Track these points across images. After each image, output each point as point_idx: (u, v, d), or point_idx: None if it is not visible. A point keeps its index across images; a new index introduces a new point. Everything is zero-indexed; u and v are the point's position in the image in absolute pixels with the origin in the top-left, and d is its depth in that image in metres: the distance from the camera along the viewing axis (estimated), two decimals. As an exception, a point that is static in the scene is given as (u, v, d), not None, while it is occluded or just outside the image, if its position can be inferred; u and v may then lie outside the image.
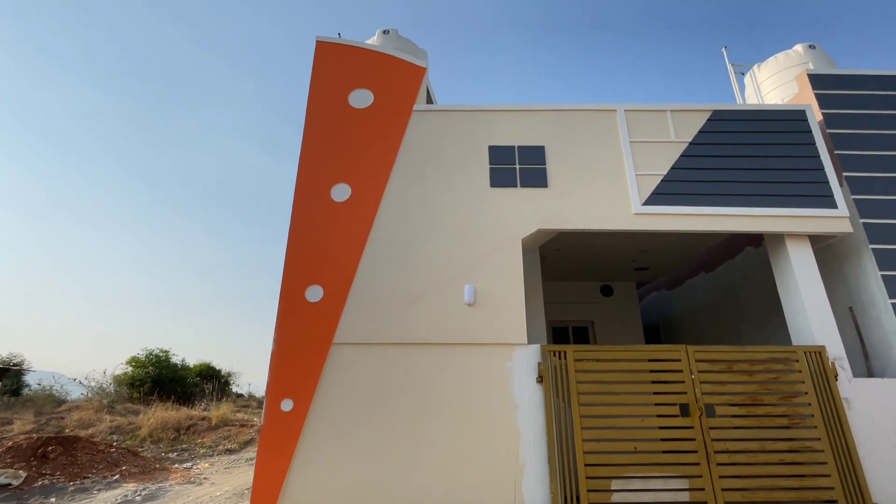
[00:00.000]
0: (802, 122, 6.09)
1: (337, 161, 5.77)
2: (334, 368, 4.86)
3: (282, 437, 4.57)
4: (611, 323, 10.31)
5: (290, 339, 4.92)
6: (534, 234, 5.50)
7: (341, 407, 4.72)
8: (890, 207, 5.77)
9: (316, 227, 5.42)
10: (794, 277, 5.55)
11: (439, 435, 4.66)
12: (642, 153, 5.88)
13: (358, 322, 5.03)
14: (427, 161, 5.81)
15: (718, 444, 4.64)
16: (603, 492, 4.46)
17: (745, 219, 5.61)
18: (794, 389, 4.91)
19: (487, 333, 5.03)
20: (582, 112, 6.10)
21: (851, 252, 5.83)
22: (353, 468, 4.52)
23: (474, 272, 5.27)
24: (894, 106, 6.37)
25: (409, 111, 6.06)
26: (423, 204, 5.58)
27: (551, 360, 4.94)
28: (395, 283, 5.21)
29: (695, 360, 4.94)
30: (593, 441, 4.64)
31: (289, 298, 5.09)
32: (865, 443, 4.77)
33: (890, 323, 5.30)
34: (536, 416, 4.74)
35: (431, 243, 5.39)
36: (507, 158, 5.82)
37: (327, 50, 6.42)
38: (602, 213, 5.57)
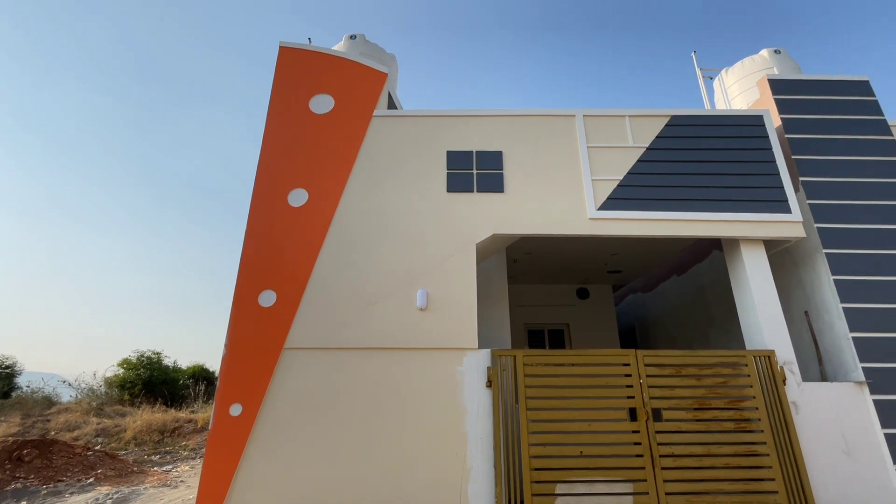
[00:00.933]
0: (760, 128, 6.13)
1: (295, 166, 5.80)
2: (285, 373, 4.89)
3: (229, 441, 4.59)
4: (587, 325, 10.35)
5: (241, 344, 4.95)
6: (488, 239, 5.53)
7: (290, 411, 4.75)
8: (844, 212, 5.81)
9: (271, 233, 5.45)
10: (747, 281, 5.59)
11: (387, 439, 4.69)
12: (600, 158, 5.92)
13: (310, 327, 5.06)
14: (385, 166, 5.84)
15: (664, 448, 4.67)
16: (547, 496, 4.49)
17: (700, 223, 5.65)
18: (742, 393, 4.94)
19: (439, 338, 5.06)
20: (541, 117, 6.14)
21: (807, 257, 5.87)
22: (299, 473, 4.54)
23: (428, 277, 5.30)
24: (851, 111, 6.42)
25: (370, 116, 6.09)
26: (380, 209, 5.62)
27: (501, 364, 4.97)
28: (348, 289, 5.24)
29: (644, 365, 4.98)
30: (539, 445, 4.66)
31: (242, 304, 5.12)
32: (812, 446, 4.80)
33: (842, 327, 5.34)
34: (485, 420, 4.77)
35: (386, 248, 5.43)
36: (465, 164, 5.86)
37: (290, 55, 6.46)
38: (557, 218, 5.61)
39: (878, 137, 6.28)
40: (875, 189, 5.95)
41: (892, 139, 6.26)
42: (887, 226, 5.71)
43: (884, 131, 6.31)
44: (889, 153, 6.17)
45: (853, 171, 6.06)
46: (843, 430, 4.90)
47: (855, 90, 6.59)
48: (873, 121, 6.38)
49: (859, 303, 5.36)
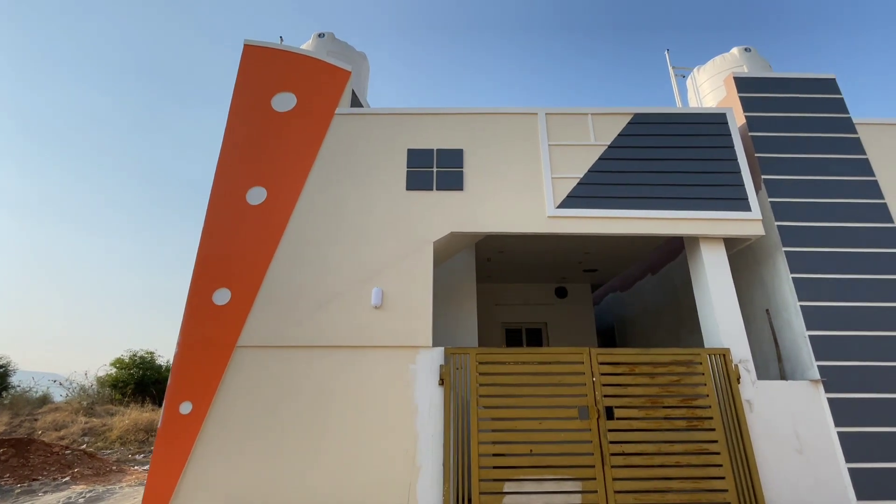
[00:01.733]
0: (722, 126, 6.11)
1: (255, 164, 5.79)
2: (236, 371, 4.87)
3: (178, 439, 4.58)
4: (564, 324, 10.35)
5: (193, 342, 4.94)
6: (447, 237, 5.52)
7: (241, 409, 4.74)
8: (805, 210, 5.80)
9: (228, 231, 5.44)
10: (706, 280, 5.58)
11: (339, 437, 4.68)
12: (560, 156, 5.90)
13: (263, 325, 5.05)
14: (345, 164, 5.83)
15: (615, 447, 4.65)
16: (494, 494, 4.47)
17: (660, 221, 5.64)
18: (695, 392, 4.93)
19: (392, 336, 5.05)
20: (503, 115, 6.13)
21: (768, 254, 5.86)
22: (248, 470, 4.53)
23: (384, 275, 5.29)
24: (817, 109, 6.41)
25: (332, 114, 6.08)
26: (338, 207, 5.61)
27: (455, 363, 4.96)
28: (303, 287, 5.23)
29: (598, 363, 4.96)
30: (489, 444, 4.65)
31: (195, 302, 5.11)
32: (764, 445, 4.79)
33: (799, 326, 5.32)
34: (436, 418, 4.76)
35: (343, 246, 5.41)
36: (426, 161, 5.84)
37: (254, 54, 6.45)
38: (515, 217, 5.59)
39: (843, 135, 6.26)
40: (837, 187, 5.94)
41: (856, 137, 6.25)
42: (845, 224, 5.70)
43: (848, 129, 6.30)
44: (852, 151, 6.16)
45: (816, 170, 6.05)
46: (797, 429, 4.88)
47: (821, 88, 6.58)
48: (838, 119, 6.37)
49: (816, 301, 5.34)
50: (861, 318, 5.27)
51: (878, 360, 5.08)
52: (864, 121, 6.38)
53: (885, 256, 5.57)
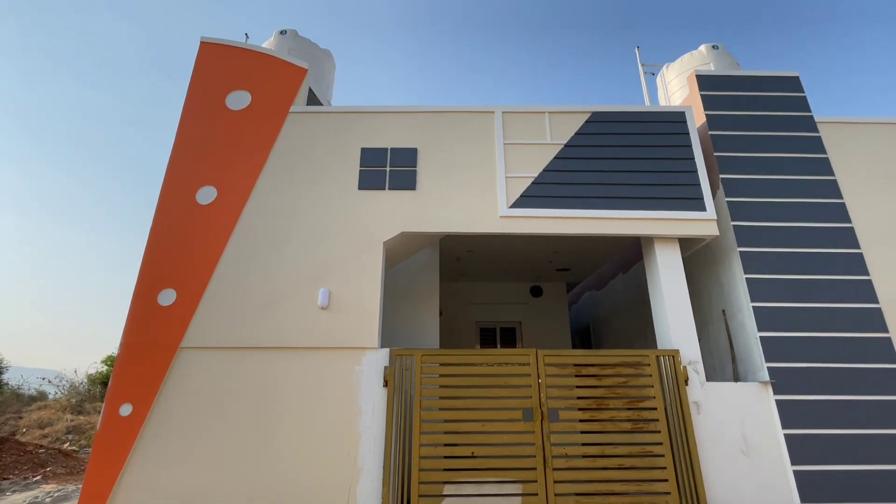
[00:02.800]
0: (681, 124, 6.05)
1: (206, 163, 5.73)
2: (179, 373, 4.83)
3: (117, 442, 4.54)
4: (539, 324, 10.31)
5: (136, 343, 4.90)
6: (397, 237, 5.46)
7: (182, 411, 4.70)
8: (760, 210, 5.75)
9: (177, 231, 5.39)
10: (660, 280, 5.53)
11: (279, 440, 4.64)
12: (516, 155, 5.84)
13: (208, 326, 5.01)
14: (298, 163, 5.77)
15: (557, 449, 4.62)
16: (434, 497, 4.44)
17: (614, 221, 5.59)
18: (642, 394, 4.89)
19: (338, 337, 5.01)
20: (459, 114, 6.06)
21: (724, 255, 5.81)
22: (186, 474, 4.49)
23: (332, 275, 5.24)
24: (779, 107, 6.35)
25: (286, 112, 6.02)
26: (288, 207, 5.55)
27: (401, 364, 4.92)
28: (250, 288, 5.18)
29: (544, 364, 4.92)
30: (430, 446, 4.62)
31: (140, 302, 5.07)
32: (710, 447, 4.76)
33: (751, 327, 5.28)
34: (379, 420, 4.73)
35: (291, 247, 5.36)
36: (379, 160, 5.79)
37: (210, 51, 6.38)
38: (467, 216, 5.54)
39: (804, 134, 6.20)
40: (795, 187, 5.89)
41: (817, 136, 6.18)
42: (802, 224, 5.64)
43: (809, 128, 6.24)
44: (813, 150, 6.10)
45: (775, 169, 5.99)
46: (744, 431, 4.85)
47: (784, 86, 6.51)
48: (800, 117, 6.31)
49: (769, 302, 5.30)
50: (813, 319, 5.23)
51: (828, 361, 5.04)
52: (826, 119, 6.32)
53: (840, 257, 5.52)
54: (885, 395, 4.91)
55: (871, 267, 5.50)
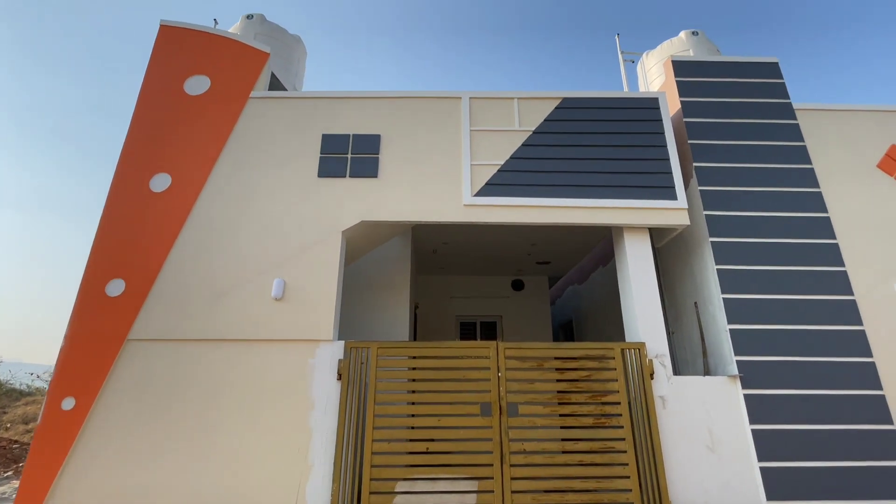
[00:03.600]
0: (654, 111, 5.86)
1: (161, 150, 5.53)
2: (125, 365, 4.66)
3: (58, 436, 4.38)
4: (520, 318, 10.16)
5: (81, 335, 4.72)
6: (356, 226, 5.28)
7: (127, 405, 4.53)
8: (734, 199, 5.57)
9: (128, 220, 5.20)
10: (628, 271, 5.36)
11: (229, 434, 4.48)
12: (483, 143, 5.65)
13: (157, 318, 4.83)
14: (256, 150, 5.58)
15: (515, 445, 4.46)
16: (385, 493, 4.28)
17: (582, 210, 5.40)
18: (606, 388, 4.72)
19: (292, 329, 4.83)
20: (424, 99, 5.86)
21: (697, 245, 5.63)
22: (131, 469, 4.33)
23: (288, 266, 5.06)
24: (756, 94, 6.15)
25: (246, 98, 5.82)
26: (244, 195, 5.36)
27: (357, 357, 4.75)
28: (202, 278, 5.00)
29: (505, 357, 4.75)
30: (384, 441, 4.46)
31: (88, 293, 4.89)
32: (675, 442, 4.60)
33: (722, 319, 5.11)
34: (332, 415, 4.56)
35: (246, 236, 5.18)
36: (341, 147, 5.59)
37: (169, 34, 6.17)
38: (430, 205, 5.36)
39: (781, 121, 6.01)
40: (771, 175, 5.70)
41: (795, 123, 6.00)
42: (776, 213, 5.47)
43: (787, 115, 6.05)
44: (790, 138, 5.92)
45: (750, 157, 5.80)
46: (710, 426, 4.69)
47: (763, 72, 6.31)
48: (778, 104, 6.11)
49: (740, 293, 5.13)
50: (786, 311, 5.06)
51: (799, 355, 4.88)
52: (804, 106, 6.13)
53: (815, 247, 5.35)
54: (856, 389, 4.75)
55: (847, 257, 5.33)
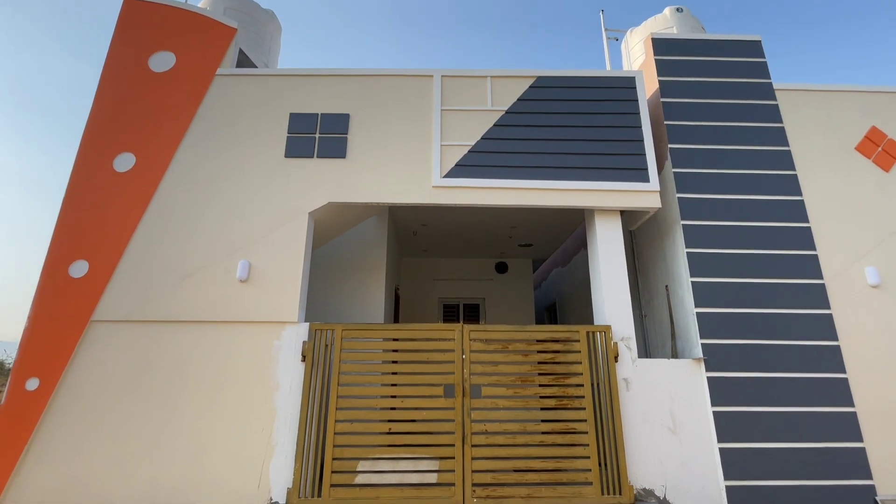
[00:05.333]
0: (630, 90, 5.73)
1: (125, 129, 5.42)
2: (89, 347, 4.66)
3: (21, 417, 4.40)
4: (504, 300, 10.18)
5: (45, 316, 4.70)
6: (324, 207, 5.22)
7: (91, 386, 4.54)
8: (708, 182, 5.49)
9: (91, 200, 5.12)
10: (598, 254, 5.32)
11: (194, 415, 4.51)
12: (453, 122, 5.54)
13: (121, 299, 4.81)
14: (222, 128, 5.47)
15: (477, 426, 4.50)
16: (347, 473, 4.34)
17: (552, 193, 5.33)
18: (570, 370, 4.74)
19: (257, 311, 4.82)
20: (395, 78, 5.72)
21: (669, 228, 5.58)
22: (95, 450, 4.37)
23: (254, 247, 5.02)
24: (737, 73, 6.01)
25: (212, 75, 5.67)
26: (210, 175, 5.28)
27: (322, 338, 4.75)
28: (167, 259, 4.96)
29: (469, 339, 4.75)
30: (346, 422, 4.49)
31: (51, 274, 4.85)
32: (637, 424, 4.64)
33: (690, 302, 5.10)
34: (296, 396, 4.58)
35: (212, 217, 5.12)
36: (309, 127, 5.48)
37: (133, 8, 5.98)
38: (398, 186, 5.28)
39: (761, 102, 5.89)
40: (746, 157, 5.62)
41: (775, 104, 5.88)
42: (749, 196, 5.40)
43: (767, 95, 5.92)
44: (769, 119, 5.81)
45: (727, 138, 5.70)
46: (672, 408, 4.73)
47: (745, 51, 6.16)
48: (758, 84, 5.98)
49: (708, 276, 5.11)
50: (753, 294, 5.05)
51: (764, 338, 4.88)
52: (785, 86, 6.00)
53: (787, 231, 5.31)
54: (820, 372, 4.78)
55: (819, 241, 5.30)
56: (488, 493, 4.25)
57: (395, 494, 4.21)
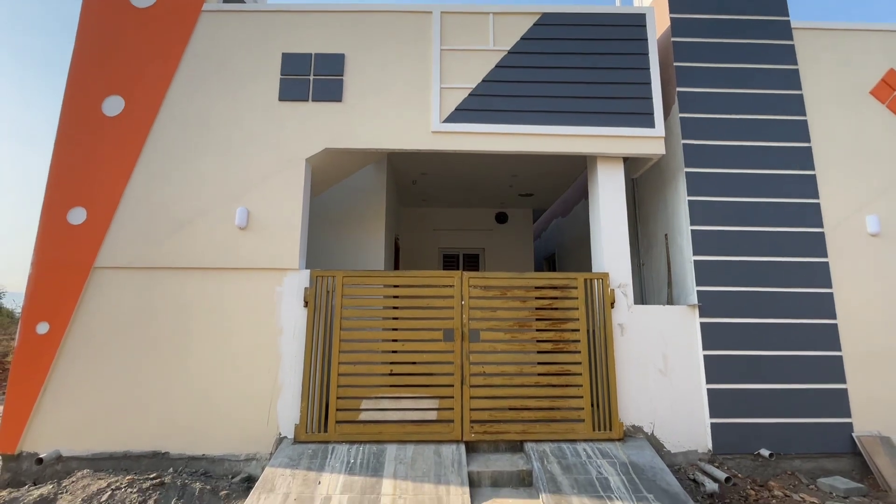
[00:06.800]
0: (640, 28, 5.44)
1: (111, 70, 5.20)
2: (94, 293, 4.73)
3: (36, 358, 4.55)
4: (503, 250, 10.24)
5: (48, 262, 4.74)
6: (321, 153, 5.11)
7: (100, 330, 4.66)
8: (715, 127, 5.34)
9: (83, 145, 5.01)
10: (598, 201, 5.28)
11: (202, 358, 4.66)
12: (454, 63, 5.31)
13: (122, 246, 4.82)
14: (212, 70, 5.25)
15: (476, 368, 4.66)
16: (351, 410, 4.55)
17: (554, 138, 5.21)
18: (566, 315, 4.84)
19: (258, 258, 4.85)
20: (392, 14, 5.41)
21: (672, 176, 5.51)
22: (109, 391, 4.55)
23: (251, 194, 4.97)
24: (753, 10, 5.68)
25: (198, 11, 5.36)
26: (203, 118, 5.13)
27: (323, 285, 4.81)
28: (164, 205, 4.93)
29: (469, 286, 4.82)
30: (349, 364, 4.65)
31: (49, 221, 4.83)
32: (630, 366, 4.81)
33: (688, 250, 5.13)
34: (300, 340, 4.72)
35: (208, 162, 5.03)
36: (302, 68, 5.26)
37: (109, -65, 5.54)
38: (396, 132, 5.15)
39: (776, 42, 5.61)
40: (757, 101, 5.43)
41: (791, 44, 5.60)
42: (754, 142, 5.28)
43: (784, 35, 5.63)
44: (783, 61, 5.56)
45: (739, 81, 5.49)
46: (665, 352, 4.88)
47: (759, -15, 5.77)
48: (775, 22, 5.67)
49: (709, 225, 5.11)
50: (752, 243, 5.06)
51: (760, 285, 4.96)
52: (802, 25, 5.69)
53: (791, 179, 5.24)
54: (811, 318, 4.89)
55: (823, 189, 5.24)
56: (485, 429, 4.48)
57: (397, 430, 4.44)
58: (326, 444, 4.35)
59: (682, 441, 4.67)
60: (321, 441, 4.38)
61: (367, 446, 4.31)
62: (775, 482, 4.34)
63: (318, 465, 4.03)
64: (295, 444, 4.38)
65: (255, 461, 4.44)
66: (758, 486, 4.25)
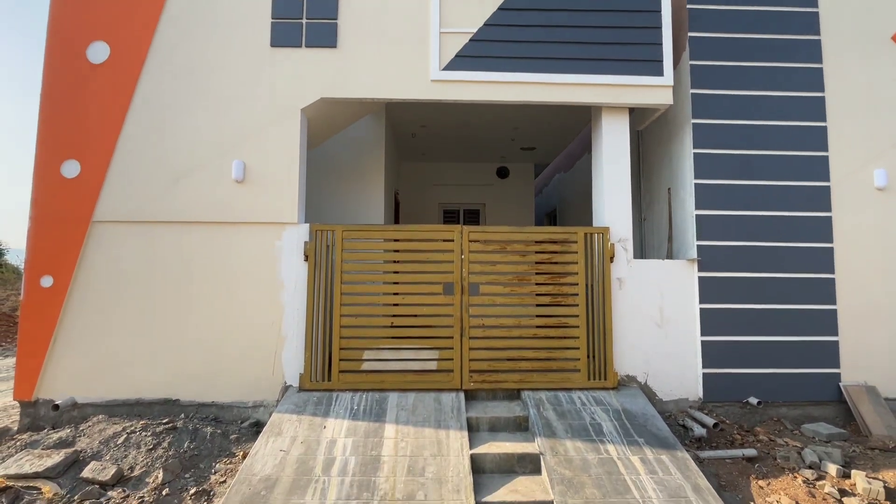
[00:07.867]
0: (653, -33, 5.09)
1: (93, 14, 4.93)
2: (95, 247, 4.73)
3: (43, 311, 4.63)
4: (504, 206, 10.16)
5: (45, 217, 4.71)
6: (316, 103, 4.94)
7: (103, 283, 4.71)
8: (725, 75, 5.13)
9: (70, 94, 4.84)
10: (601, 153, 5.17)
11: (205, 310, 4.74)
12: (455, 6, 5.01)
13: (119, 200, 4.78)
14: (199, 13, 4.97)
15: (475, 321, 4.75)
16: (354, 360, 4.68)
17: (559, 88, 5.02)
18: (566, 269, 4.87)
19: (256, 212, 4.82)
20: (388, -51, 5.05)
21: (679, 128, 5.35)
22: (115, 341, 4.66)
23: (247, 146, 4.86)
24: (776, -55, 5.28)
25: (182, -53, 5.01)
26: (192, 66, 4.92)
27: (323, 239, 4.81)
28: (159, 157, 4.83)
29: (468, 241, 4.82)
30: (351, 317, 4.73)
31: (43, 174, 4.76)
32: (627, 319, 4.90)
33: (691, 205, 5.08)
34: (301, 293, 4.77)
35: (199, 113, 4.88)
36: (294, 10, 4.98)
37: None
38: (393, 80, 4.95)
39: (798, -18, 5.26)
40: (771, 47, 5.18)
41: (813, -16, 5.26)
42: (765, 92, 5.09)
43: (806, -26, 5.27)
44: (803, 3, 5.24)
45: (754, 26, 5.21)
46: (662, 304, 4.95)
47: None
48: (798, -40, 5.29)
49: (713, 179, 5.02)
50: (755, 196, 5.01)
51: (760, 240, 4.94)
52: (828, -38, 5.31)
53: (801, 130, 5.09)
54: (808, 273, 4.92)
55: (833, 142, 5.11)
56: (484, 378, 4.63)
57: (398, 379, 4.59)
58: (330, 392, 4.52)
59: (674, 390, 4.84)
60: (325, 389, 4.54)
61: (370, 394, 4.47)
62: (761, 428, 4.53)
63: (323, 411, 4.20)
64: (300, 391, 4.54)
65: (262, 408, 4.62)
66: (744, 432, 4.44)
